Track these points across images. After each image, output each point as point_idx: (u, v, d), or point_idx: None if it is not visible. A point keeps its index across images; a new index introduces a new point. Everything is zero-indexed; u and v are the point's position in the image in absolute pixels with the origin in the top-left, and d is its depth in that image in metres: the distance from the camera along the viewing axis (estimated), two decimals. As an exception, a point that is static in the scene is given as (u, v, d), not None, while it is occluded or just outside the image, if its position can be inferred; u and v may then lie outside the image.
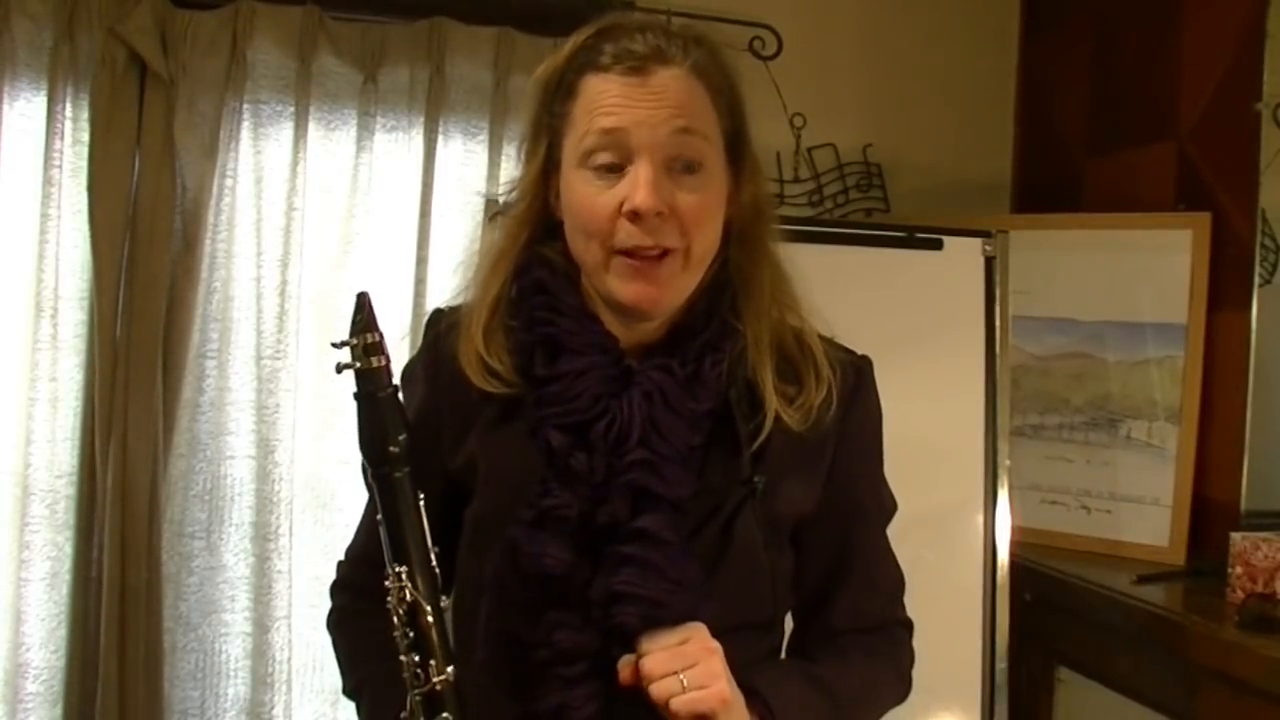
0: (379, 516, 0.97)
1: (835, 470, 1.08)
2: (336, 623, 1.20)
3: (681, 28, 1.06)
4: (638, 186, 0.97)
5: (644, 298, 1.00)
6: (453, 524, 1.09)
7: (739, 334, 1.05)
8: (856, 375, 1.11)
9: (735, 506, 1.03)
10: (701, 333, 1.04)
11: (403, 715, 0.96)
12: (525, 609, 0.99)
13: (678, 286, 1.02)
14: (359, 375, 0.94)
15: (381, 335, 0.95)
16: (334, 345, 0.95)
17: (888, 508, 1.16)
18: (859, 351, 1.15)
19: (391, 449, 0.95)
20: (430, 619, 0.94)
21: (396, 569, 0.95)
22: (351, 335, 0.94)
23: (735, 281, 1.07)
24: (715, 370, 1.03)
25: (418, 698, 0.94)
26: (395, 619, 0.95)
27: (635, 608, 0.96)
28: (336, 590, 1.21)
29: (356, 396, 0.95)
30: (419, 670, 0.94)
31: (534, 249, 1.08)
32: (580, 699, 0.97)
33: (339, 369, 0.95)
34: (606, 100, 0.99)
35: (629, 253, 0.99)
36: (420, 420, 1.08)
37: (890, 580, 1.16)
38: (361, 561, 1.18)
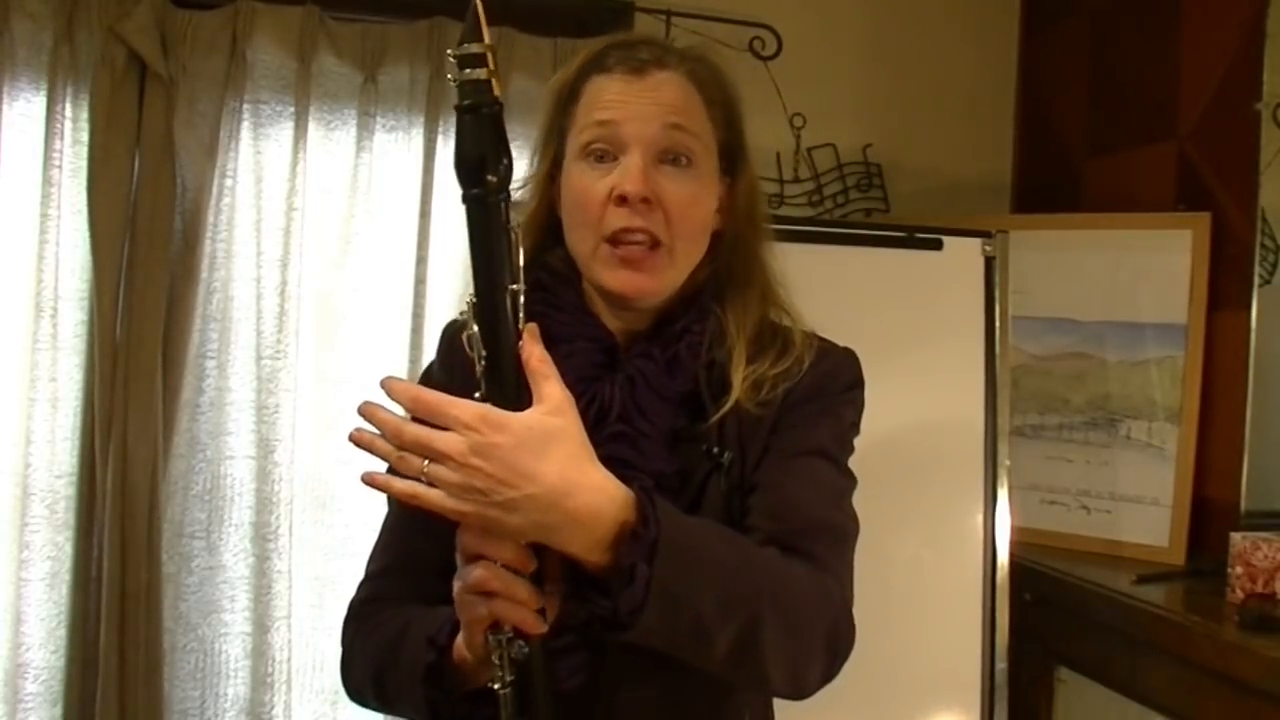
0: (470, 248, 0.91)
1: (776, 421, 1.08)
2: (366, 618, 1.12)
3: (688, 47, 1.13)
4: (627, 173, 1.03)
5: (630, 286, 1.05)
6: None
7: (715, 318, 1.09)
8: (824, 353, 1.12)
9: (702, 480, 1.05)
10: (681, 318, 1.09)
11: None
12: None
13: (663, 278, 1.07)
14: (459, 87, 0.89)
15: (490, 49, 0.89)
16: (447, 55, 0.91)
17: (818, 444, 1.09)
18: (856, 352, 1.16)
19: (489, 176, 0.89)
20: (483, 362, 0.90)
21: (469, 299, 0.91)
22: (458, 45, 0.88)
23: (724, 282, 1.12)
24: (692, 353, 1.07)
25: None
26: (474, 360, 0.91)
27: None
28: (357, 608, 1.14)
29: (457, 108, 0.89)
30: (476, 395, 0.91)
31: (537, 255, 1.12)
32: (567, 670, 0.98)
33: (451, 81, 0.90)
34: (605, 97, 1.06)
35: (616, 241, 1.04)
36: None
37: (807, 505, 1.05)
38: (387, 575, 1.14)
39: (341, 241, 2.24)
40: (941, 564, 1.92)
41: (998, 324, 1.98)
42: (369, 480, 0.89)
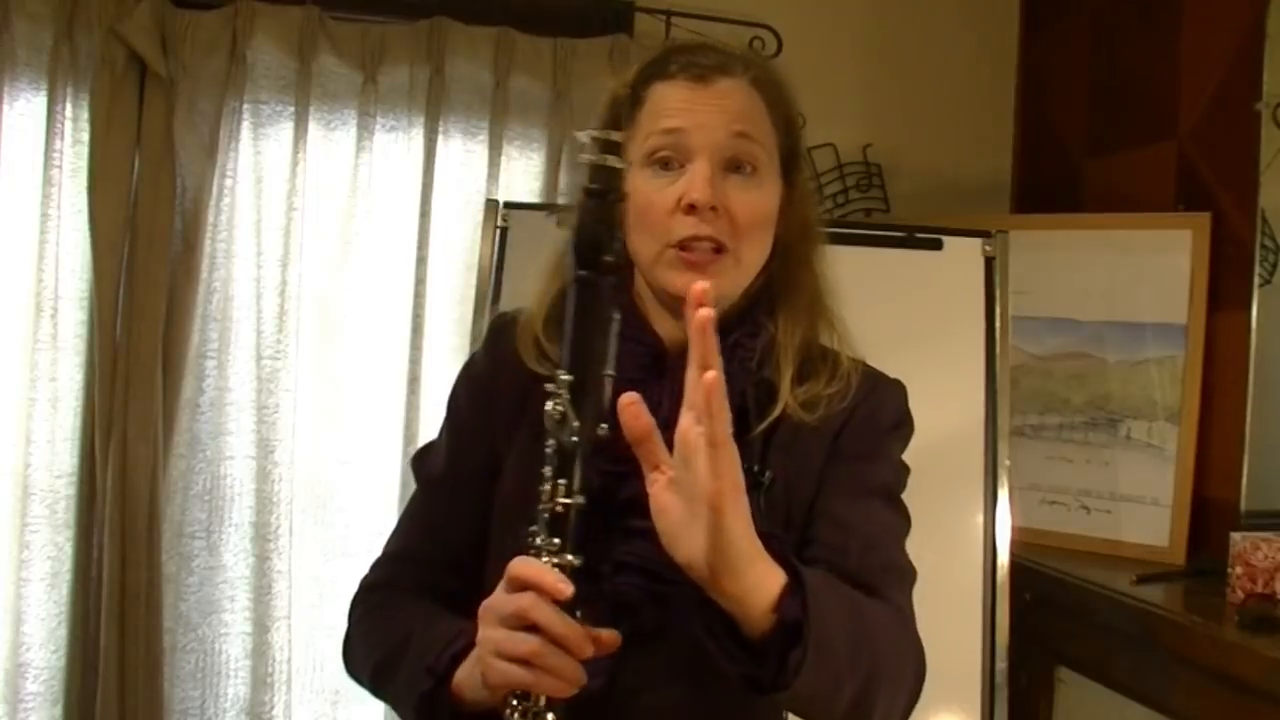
0: (568, 323, 0.92)
1: (833, 452, 1.08)
2: (374, 606, 1.14)
3: (747, 51, 1.15)
4: (695, 182, 1.03)
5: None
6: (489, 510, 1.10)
7: (767, 333, 1.09)
8: (875, 382, 1.13)
9: None
10: (734, 332, 1.08)
11: (532, 530, 0.91)
12: None
13: (727, 284, 1.06)
14: (595, 171, 0.91)
15: (626, 138, 0.93)
16: (580, 136, 0.94)
17: (883, 484, 1.10)
18: (904, 383, 1.16)
19: (606, 257, 0.91)
20: (575, 439, 0.90)
21: (561, 376, 0.91)
22: (598, 129, 0.92)
23: (776, 292, 1.11)
24: (742, 368, 1.06)
25: (545, 514, 0.91)
26: (551, 436, 0.92)
27: (639, 579, 0.99)
28: (366, 592, 1.16)
29: (587, 192, 0.92)
30: (549, 487, 0.91)
31: None
32: (590, 672, 0.97)
33: (580, 161, 0.93)
34: (671, 104, 1.06)
35: (683, 246, 1.04)
36: (474, 408, 1.13)
37: (881, 547, 1.06)
38: (403, 560, 1.16)
39: (341, 241, 2.24)
40: (941, 564, 1.91)
41: (998, 324, 1.97)
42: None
